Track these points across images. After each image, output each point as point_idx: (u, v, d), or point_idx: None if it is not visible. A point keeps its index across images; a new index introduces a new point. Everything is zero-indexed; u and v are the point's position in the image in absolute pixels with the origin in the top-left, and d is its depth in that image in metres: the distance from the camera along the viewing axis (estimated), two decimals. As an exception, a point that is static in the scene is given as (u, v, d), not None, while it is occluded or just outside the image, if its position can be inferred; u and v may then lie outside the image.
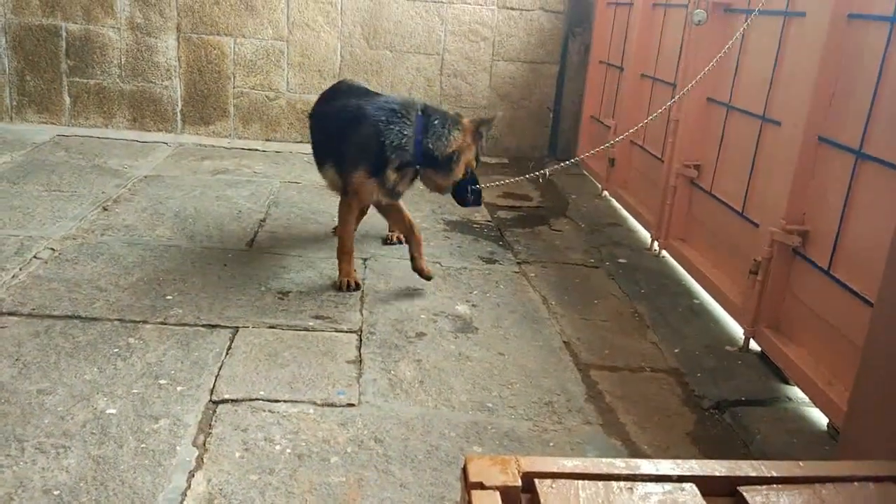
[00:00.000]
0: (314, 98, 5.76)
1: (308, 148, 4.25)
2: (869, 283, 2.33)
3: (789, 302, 2.84)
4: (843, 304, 2.49)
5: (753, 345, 3.00)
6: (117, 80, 5.63)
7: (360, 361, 2.70)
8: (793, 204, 2.76)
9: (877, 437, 1.98)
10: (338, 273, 3.32)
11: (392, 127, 3.07)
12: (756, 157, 3.18)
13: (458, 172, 3.17)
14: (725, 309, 3.27)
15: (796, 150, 2.74)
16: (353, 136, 3.16)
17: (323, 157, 3.46)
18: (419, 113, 3.12)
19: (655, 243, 4.07)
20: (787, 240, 2.76)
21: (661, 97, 4.27)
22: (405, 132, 3.08)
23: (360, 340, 2.86)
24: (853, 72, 2.55)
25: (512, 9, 5.73)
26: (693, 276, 3.63)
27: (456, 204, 3.37)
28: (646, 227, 4.27)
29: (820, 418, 2.53)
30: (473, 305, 3.24)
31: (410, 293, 3.32)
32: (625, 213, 4.71)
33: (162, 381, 2.44)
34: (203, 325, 2.84)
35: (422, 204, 4.52)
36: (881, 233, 2.25)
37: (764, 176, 3.09)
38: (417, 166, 3.15)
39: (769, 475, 1.35)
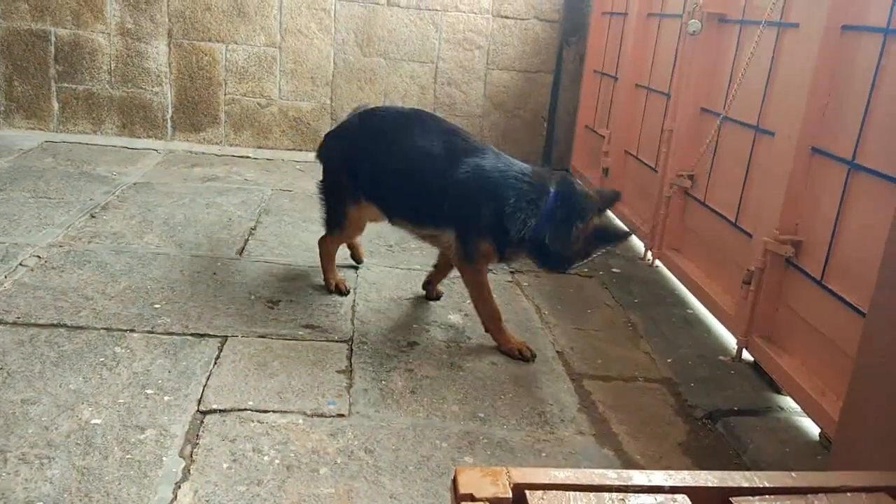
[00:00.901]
0: (306, 105, 5.87)
1: (301, 156, 4.24)
2: (861, 293, 2.33)
3: (782, 312, 2.83)
4: (835, 315, 2.49)
5: (746, 355, 2.99)
6: (107, 86, 5.60)
7: (351, 371, 2.68)
8: (786, 214, 2.76)
9: (869, 448, 1.97)
10: (504, 343, 2.93)
11: (517, 214, 2.74)
12: (750, 168, 3.18)
13: (553, 266, 2.95)
14: (718, 319, 3.26)
15: (789, 160, 2.73)
16: (481, 209, 2.81)
17: (431, 218, 2.97)
18: (551, 192, 2.76)
19: (649, 253, 4.07)
20: (780, 250, 2.75)
21: (655, 107, 4.27)
22: (529, 222, 2.74)
23: (351, 350, 2.83)
24: (846, 83, 2.55)
25: (507, 17, 5.73)
26: (686, 286, 3.63)
27: None
28: (639, 237, 4.27)
29: (812, 428, 2.53)
30: (466, 315, 3.22)
31: (402, 303, 3.30)
32: (618, 222, 4.70)
33: (149, 391, 2.41)
34: (191, 334, 2.81)
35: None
36: (874, 243, 2.24)
37: (757, 186, 3.09)
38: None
39: (761, 486, 1.34)
